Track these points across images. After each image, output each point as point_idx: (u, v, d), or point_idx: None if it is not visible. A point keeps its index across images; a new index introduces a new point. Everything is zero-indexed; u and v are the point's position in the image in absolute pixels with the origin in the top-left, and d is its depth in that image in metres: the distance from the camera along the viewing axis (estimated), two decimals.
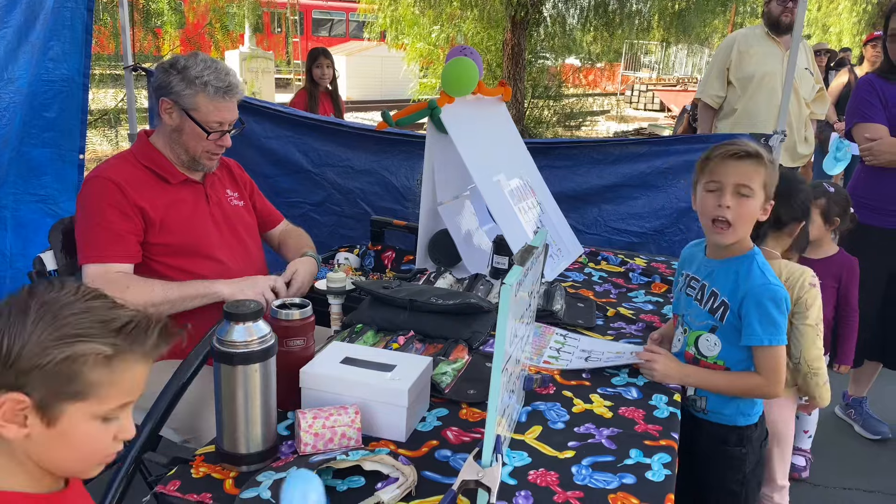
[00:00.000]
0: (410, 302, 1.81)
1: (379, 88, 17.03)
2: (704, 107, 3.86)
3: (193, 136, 1.88)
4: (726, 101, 3.79)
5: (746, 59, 3.70)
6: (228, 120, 1.92)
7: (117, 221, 1.78)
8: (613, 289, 2.36)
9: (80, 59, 3.11)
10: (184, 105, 1.85)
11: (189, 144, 1.90)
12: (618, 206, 3.20)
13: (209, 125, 1.87)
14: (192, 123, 1.86)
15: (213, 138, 1.89)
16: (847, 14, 18.15)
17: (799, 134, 3.78)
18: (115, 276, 1.74)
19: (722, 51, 3.83)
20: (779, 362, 1.57)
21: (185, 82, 1.84)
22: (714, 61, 3.89)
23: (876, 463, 2.93)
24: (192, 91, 1.84)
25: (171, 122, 1.88)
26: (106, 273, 1.74)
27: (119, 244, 1.77)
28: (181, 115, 1.87)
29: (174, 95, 1.85)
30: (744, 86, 3.70)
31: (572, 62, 14.31)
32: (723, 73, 3.77)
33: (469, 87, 2.28)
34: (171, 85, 1.85)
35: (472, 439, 1.38)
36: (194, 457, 1.27)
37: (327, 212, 3.49)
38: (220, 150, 1.94)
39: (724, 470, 1.70)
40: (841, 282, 2.59)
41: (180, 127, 1.88)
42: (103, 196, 1.79)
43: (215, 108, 1.87)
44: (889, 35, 2.72)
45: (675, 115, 15.99)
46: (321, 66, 4.79)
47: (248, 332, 1.22)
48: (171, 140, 1.91)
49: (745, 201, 1.55)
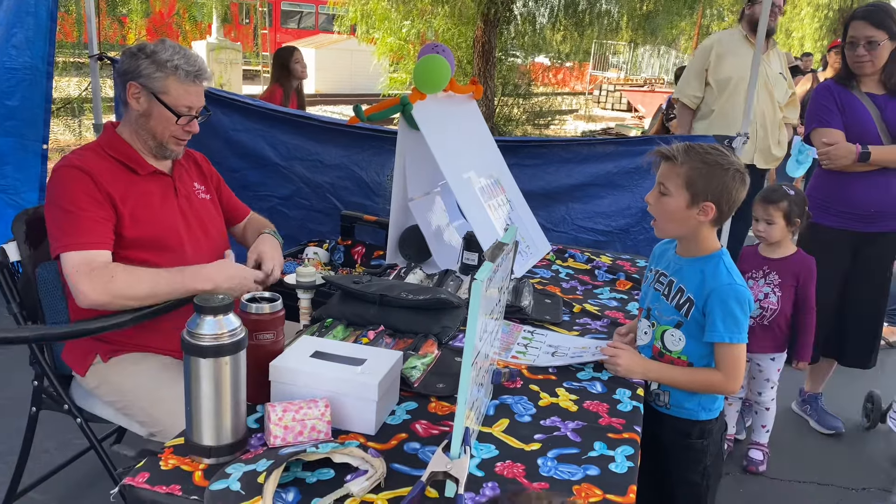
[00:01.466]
0: (381, 297, 1.82)
1: (348, 82, 16.93)
2: (682, 107, 3.94)
3: (162, 121, 1.86)
4: (704, 101, 3.87)
5: (724, 61, 3.79)
6: (197, 105, 1.90)
7: (91, 209, 1.75)
8: (580, 286, 2.40)
9: (45, 47, 3.05)
10: (153, 88, 1.83)
11: (157, 129, 1.87)
12: (585, 204, 3.25)
13: (178, 109, 1.85)
14: (161, 107, 1.84)
15: (181, 123, 1.87)
16: (809, 20, 18.58)
17: (773, 136, 3.88)
18: (99, 265, 1.70)
19: (701, 52, 3.91)
20: (738, 360, 1.62)
21: (156, 65, 1.82)
22: (693, 62, 3.97)
23: (830, 457, 3.02)
24: (163, 74, 1.82)
25: (138, 108, 1.86)
26: (89, 261, 1.70)
27: (95, 231, 1.74)
28: (150, 99, 1.84)
29: (143, 79, 1.83)
30: (721, 88, 3.79)
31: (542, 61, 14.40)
32: (701, 74, 3.84)
33: (441, 85, 2.30)
34: (139, 69, 1.83)
35: (441, 432, 1.40)
36: (163, 449, 1.27)
37: (296, 206, 3.47)
38: (187, 135, 1.92)
39: (687, 462, 1.75)
40: (799, 281, 2.67)
41: (148, 111, 1.86)
42: (75, 184, 1.76)
43: (185, 92, 1.86)
44: (847, 43, 2.80)
45: (642, 116, 16.23)
46: (300, 62, 4.73)
47: (218, 325, 1.22)
48: (138, 126, 1.88)
49: (663, 199, 1.65)
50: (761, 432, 2.89)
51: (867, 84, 2.82)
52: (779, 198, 2.64)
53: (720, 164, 1.60)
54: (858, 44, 2.75)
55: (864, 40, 2.73)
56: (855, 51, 2.76)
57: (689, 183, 1.61)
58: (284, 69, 4.73)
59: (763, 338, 2.70)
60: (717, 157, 1.61)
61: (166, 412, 1.75)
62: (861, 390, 3.39)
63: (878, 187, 2.83)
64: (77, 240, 1.72)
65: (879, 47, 2.72)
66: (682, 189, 1.62)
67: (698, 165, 1.61)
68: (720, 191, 1.60)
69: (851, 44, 2.77)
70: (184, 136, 1.92)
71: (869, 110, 2.78)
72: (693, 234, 1.67)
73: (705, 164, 1.61)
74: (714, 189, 1.60)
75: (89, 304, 1.69)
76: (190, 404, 1.24)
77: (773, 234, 2.66)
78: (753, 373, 2.82)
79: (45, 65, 3.05)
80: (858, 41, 2.75)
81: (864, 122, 2.79)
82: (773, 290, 2.68)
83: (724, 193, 1.60)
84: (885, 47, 2.72)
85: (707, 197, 1.60)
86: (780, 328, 2.71)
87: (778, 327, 2.70)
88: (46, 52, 3.05)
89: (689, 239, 1.69)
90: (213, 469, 1.22)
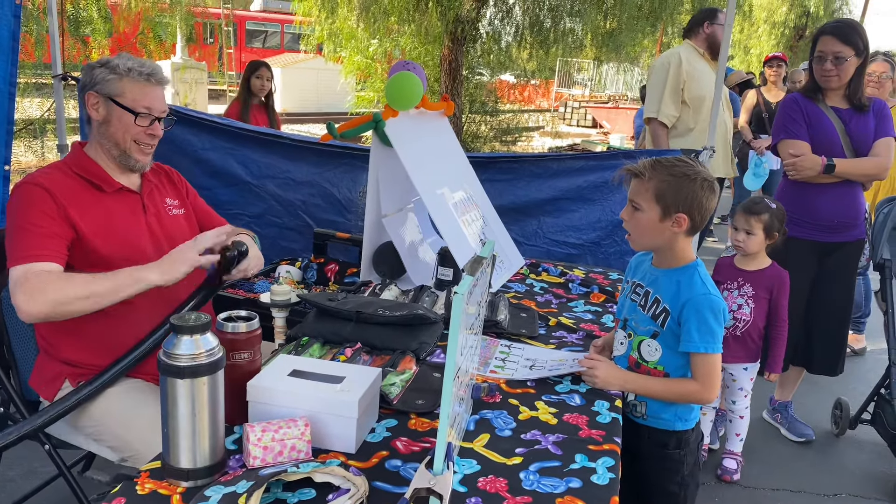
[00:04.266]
0: (357, 314, 1.81)
1: (315, 101, 16.93)
2: (659, 125, 3.88)
3: (121, 126, 1.84)
4: (680, 119, 3.88)
5: (694, 80, 3.82)
6: (157, 108, 1.88)
7: (43, 224, 1.70)
8: (554, 299, 2.42)
9: (7, 67, 2.99)
10: (109, 92, 1.82)
11: (117, 134, 1.84)
12: (556, 218, 3.27)
13: (136, 108, 1.84)
14: (118, 110, 1.82)
15: (141, 123, 1.85)
16: (766, 37, 19.08)
17: (732, 149, 4.00)
18: (33, 275, 1.64)
19: (671, 71, 3.83)
20: (713, 369, 1.64)
21: (109, 70, 1.83)
22: (666, 81, 3.85)
23: (801, 464, 3.07)
24: (117, 76, 1.82)
25: (98, 117, 1.84)
26: (25, 273, 1.64)
27: (44, 245, 1.69)
28: (107, 104, 1.83)
29: (99, 86, 1.83)
30: (697, 106, 3.82)
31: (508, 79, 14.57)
32: (677, 93, 3.83)
33: (413, 102, 2.30)
34: (94, 78, 1.83)
35: (422, 448, 1.39)
36: (139, 473, 1.24)
37: (268, 224, 3.44)
38: (150, 139, 1.89)
39: (664, 472, 1.76)
40: (772, 293, 2.71)
41: (107, 118, 1.84)
42: (30, 201, 1.72)
43: (141, 93, 1.84)
44: (815, 57, 2.87)
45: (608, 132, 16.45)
46: (261, 78, 4.72)
47: (195, 345, 1.20)
48: (101, 136, 1.86)
49: (637, 214, 1.68)
50: (735, 441, 2.92)
51: (832, 98, 2.90)
52: (761, 210, 2.68)
53: (687, 174, 1.63)
54: (826, 58, 2.82)
55: (832, 55, 2.80)
56: (822, 65, 2.84)
57: (659, 196, 1.63)
58: (245, 83, 4.74)
59: (735, 348, 2.74)
60: (683, 168, 1.64)
61: (139, 436, 1.71)
62: (828, 398, 3.45)
63: (841, 199, 2.91)
64: (23, 253, 1.67)
65: (846, 63, 2.80)
66: (653, 203, 1.64)
67: (666, 178, 1.63)
68: (690, 201, 1.63)
69: (819, 58, 2.85)
70: (147, 139, 1.88)
71: (834, 124, 2.86)
72: (669, 246, 1.69)
73: (672, 176, 1.63)
74: (684, 200, 1.63)
75: (28, 317, 1.63)
76: (167, 426, 1.22)
77: (751, 245, 2.69)
78: (727, 382, 2.85)
79: (8, 85, 2.99)
80: (826, 56, 2.82)
81: (830, 136, 2.86)
82: (747, 302, 2.72)
83: (695, 203, 1.63)
84: (851, 63, 2.80)
85: (678, 208, 1.63)
86: (752, 339, 2.75)
87: (750, 338, 2.74)
88: (8, 72, 2.99)
89: (666, 250, 1.71)
90: (192, 492, 1.19)
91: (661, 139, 3.87)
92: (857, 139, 2.85)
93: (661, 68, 3.92)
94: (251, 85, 4.72)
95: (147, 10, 7.96)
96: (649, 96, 3.96)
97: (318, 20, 9.84)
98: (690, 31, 4.01)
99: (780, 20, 19.11)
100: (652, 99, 3.92)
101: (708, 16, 3.93)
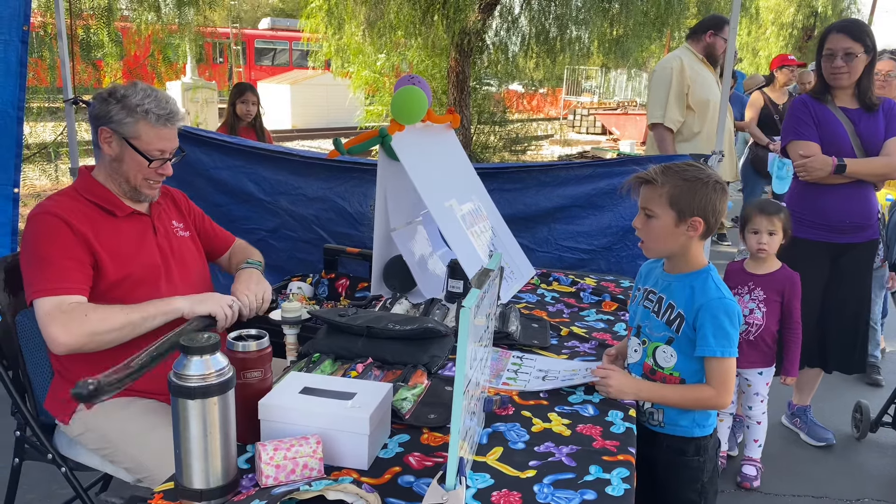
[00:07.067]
0: (368, 329, 1.81)
1: (325, 116, 17.01)
2: (664, 130, 3.87)
3: (134, 165, 1.85)
4: (685, 124, 3.88)
5: (697, 85, 3.83)
6: (169, 148, 1.89)
7: (65, 255, 1.73)
8: (566, 308, 2.41)
9: (15, 92, 3.06)
10: (124, 133, 1.82)
11: (129, 174, 1.86)
12: (567, 224, 3.26)
13: (151, 153, 1.84)
14: (132, 152, 1.83)
15: (154, 166, 1.87)
16: (775, 39, 19.00)
17: (735, 152, 3.95)
18: (69, 307, 1.68)
19: (674, 76, 3.83)
20: (728, 374, 1.63)
21: (126, 111, 1.81)
22: (665, 86, 3.85)
23: (823, 469, 3.03)
24: (133, 119, 1.81)
25: (110, 152, 1.85)
26: (58, 306, 1.68)
27: (69, 277, 1.72)
28: (121, 144, 1.83)
29: (114, 124, 1.82)
30: (702, 111, 3.83)
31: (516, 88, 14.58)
32: (682, 97, 3.83)
33: (419, 115, 2.31)
34: (110, 114, 1.82)
35: (435, 464, 1.38)
36: (153, 494, 1.24)
37: (283, 237, 3.47)
38: (160, 178, 1.92)
39: (683, 480, 1.74)
40: (784, 296, 2.69)
41: (120, 156, 1.85)
42: (49, 231, 1.74)
43: (157, 136, 1.85)
44: (824, 55, 2.86)
45: (617, 138, 16.42)
46: (246, 103, 4.60)
47: (205, 366, 1.20)
48: (112, 170, 1.87)
49: (650, 221, 1.67)
50: (753, 447, 2.89)
51: (841, 98, 2.88)
52: (776, 209, 2.67)
53: (699, 178, 1.63)
54: (836, 55, 2.81)
55: (842, 52, 2.79)
56: (832, 62, 2.82)
57: (674, 201, 1.63)
58: (232, 107, 4.66)
59: (749, 353, 2.71)
60: (694, 172, 1.64)
61: (153, 457, 1.72)
62: (848, 401, 3.41)
63: (852, 199, 2.88)
64: (50, 285, 1.69)
65: (856, 59, 2.78)
66: (668, 208, 1.63)
67: (679, 183, 1.63)
68: (705, 204, 1.63)
69: (829, 55, 2.83)
70: (157, 178, 1.91)
71: (843, 124, 2.84)
72: (683, 251, 1.69)
73: (685, 180, 1.63)
74: (699, 203, 1.62)
75: (64, 349, 1.66)
76: (179, 447, 1.22)
77: (774, 245, 2.67)
78: (742, 388, 2.82)
79: (16, 110, 3.07)
80: (836, 53, 2.81)
81: (839, 136, 2.84)
82: (759, 306, 2.70)
83: (709, 206, 1.63)
84: (860, 60, 2.79)
85: (694, 212, 1.63)
86: (765, 343, 2.72)
87: (764, 342, 2.72)
88: (17, 97, 3.06)
89: (679, 256, 1.70)
90: None
91: (668, 144, 3.87)
92: (867, 139, 2.83)
93: (662, 73, 3.91)
94: (236, 110, 4.62)
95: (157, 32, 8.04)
96: (652, 102, 3.95)
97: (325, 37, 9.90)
98: (695, 33, 4.02)
99: (787, 21, 19.04)
100: (656, 104, 3.91)
101: (714, 25, 3.94)
